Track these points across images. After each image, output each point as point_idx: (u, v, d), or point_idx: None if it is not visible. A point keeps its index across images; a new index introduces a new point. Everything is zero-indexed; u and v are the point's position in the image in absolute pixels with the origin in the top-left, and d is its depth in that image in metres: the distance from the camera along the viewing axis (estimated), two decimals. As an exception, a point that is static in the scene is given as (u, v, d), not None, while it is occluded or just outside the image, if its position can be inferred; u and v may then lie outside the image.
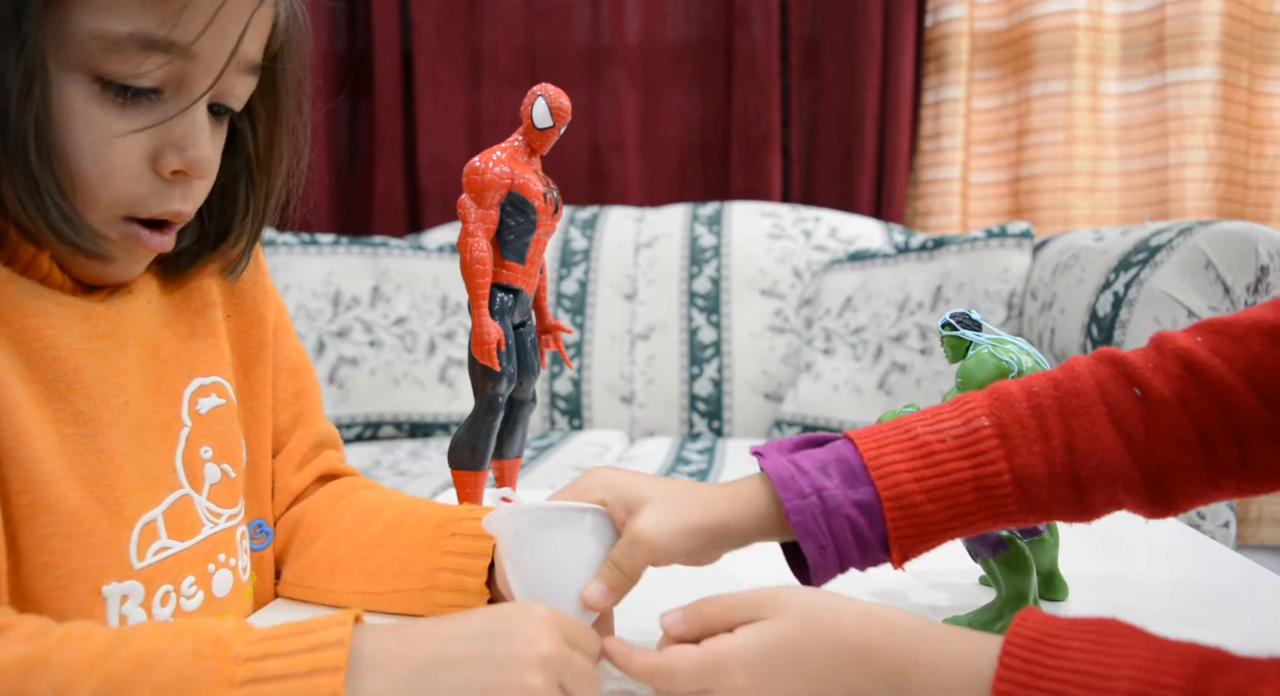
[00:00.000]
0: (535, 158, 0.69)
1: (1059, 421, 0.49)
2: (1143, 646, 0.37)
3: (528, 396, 0.73)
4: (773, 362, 1.93)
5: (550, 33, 2.30)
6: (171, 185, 0.52)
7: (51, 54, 0.46)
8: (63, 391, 0.50)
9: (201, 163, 0.52)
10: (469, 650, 0.42)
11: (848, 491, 0.49)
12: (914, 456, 0.49)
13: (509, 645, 0.42)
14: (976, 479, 0.48)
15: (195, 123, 0.51)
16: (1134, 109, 2.06)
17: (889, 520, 0.48)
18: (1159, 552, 0.76)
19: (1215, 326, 0.49)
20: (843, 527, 0.49)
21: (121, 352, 0.54)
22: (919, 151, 2.20)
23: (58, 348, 0.50)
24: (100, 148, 0.48)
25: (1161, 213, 2.01)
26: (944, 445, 0.49)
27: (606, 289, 2.04)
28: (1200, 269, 1.25)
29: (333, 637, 0.41)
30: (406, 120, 2.33)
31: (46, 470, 0.48)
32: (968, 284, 1.66)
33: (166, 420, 0.57)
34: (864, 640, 0.42)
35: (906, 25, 2.14)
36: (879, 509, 0.49)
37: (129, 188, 0.50)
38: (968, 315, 0.60)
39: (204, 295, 0.62)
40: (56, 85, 0.47)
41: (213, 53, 0.50)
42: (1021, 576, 0.57)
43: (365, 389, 1.86)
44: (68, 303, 0.52)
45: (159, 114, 0.50)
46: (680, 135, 2.31)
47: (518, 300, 0.69)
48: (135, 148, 0.49)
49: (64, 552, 0.49)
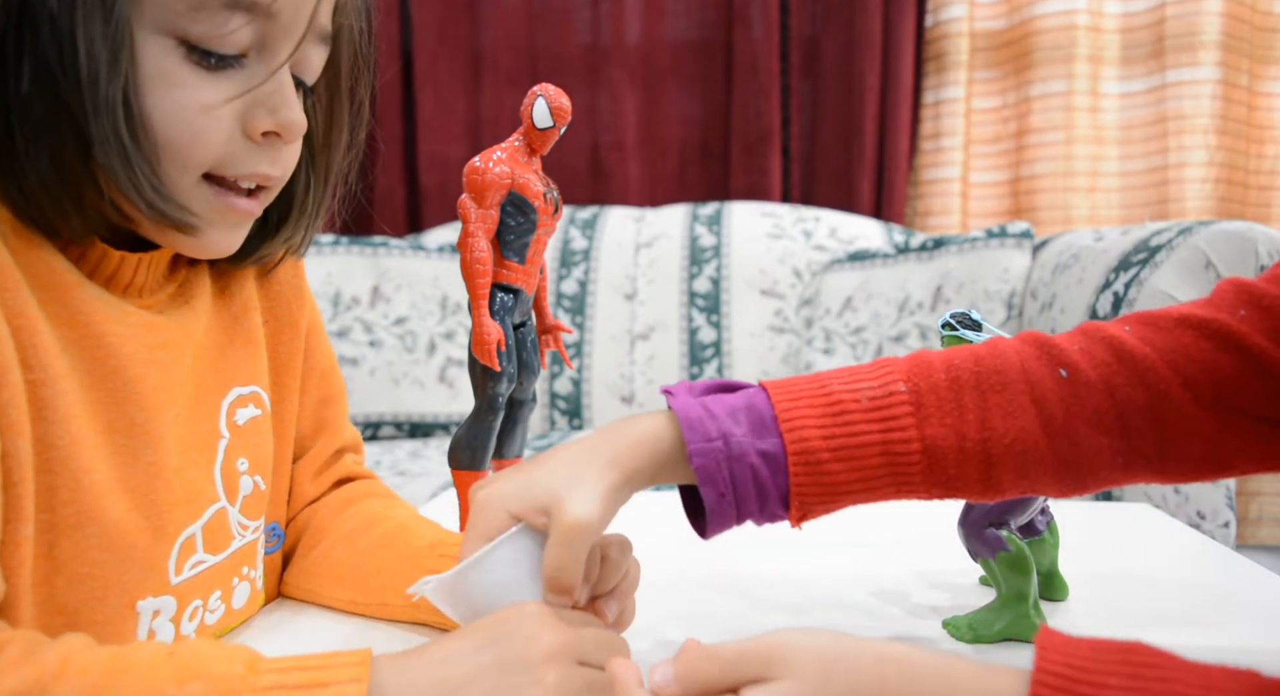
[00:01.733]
0: (535, 158, 0.69)
1: (975, 396, 0.48)
2: (1186, 680, 0.34)
3: (528, 396, 0.73)
4: (773, 362, 1.93)
5: (550, 33, 2.30)
6: (261, 148, 0.51)
7: (138, 20, 0.46)
8: (121, 400, 0.49)
9: (294, 124, 0.51)
10: (480, 661, 0.42)
11: (754, 440, 0.47)
12: (826, 413, 0.47)
13: (513, 647, 0.42)
14: (885, 444, 0.47)
15: (283, 85, 0.51)
16: (1134, 109, 2.06)
17: (792, 474, 0.47)
18: (1159, 552, 0.76)
19: (1144, 318, 0.49)
20: (745, 476, 0.47)
21: (178, 364, 0.53)
22: (919, 151, 2.20)
23: (120, 356, 0.49)
24: (192, 112, 0.48)
25: (1161, 213, 2.01)
26: (857, 406, 0.48)
27: (606, 289, 2.04)
28: (1200, 269, 1.25)
29: (348, 676, 0.40)
30: (406, 120, 2.33)
31: (97, 480, 0.48)
32: (968, 284, 1.65)
33: (207, 432, 0.56)
34: (880, 684, 0.38)
35: (906, 25, 2.14)
36: (784, 462, 0.47)
37: (220, 150, 0.49)
38: (968, 315, 0.60)
39: (244, 300, 0.61)
40: (145, 51, 0.46)
41: (291, 15, 0.49)
42: (1021, 576, 0.57)
43: (365, 389, 1.85)
44: (131, 311, 0.51)
45: (246, 78, 0.49)
46: (680, 135, 2.31)
47: (518, 300, 0.69)
48: (227, 111, 0.49)
49: (103, 565, 0.48)
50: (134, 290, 0.53)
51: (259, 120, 0.50)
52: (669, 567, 0.72)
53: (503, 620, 0.44)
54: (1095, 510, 0.92)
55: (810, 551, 0.75)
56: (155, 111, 0.47)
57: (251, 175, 0.52)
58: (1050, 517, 0.64)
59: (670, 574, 0.71)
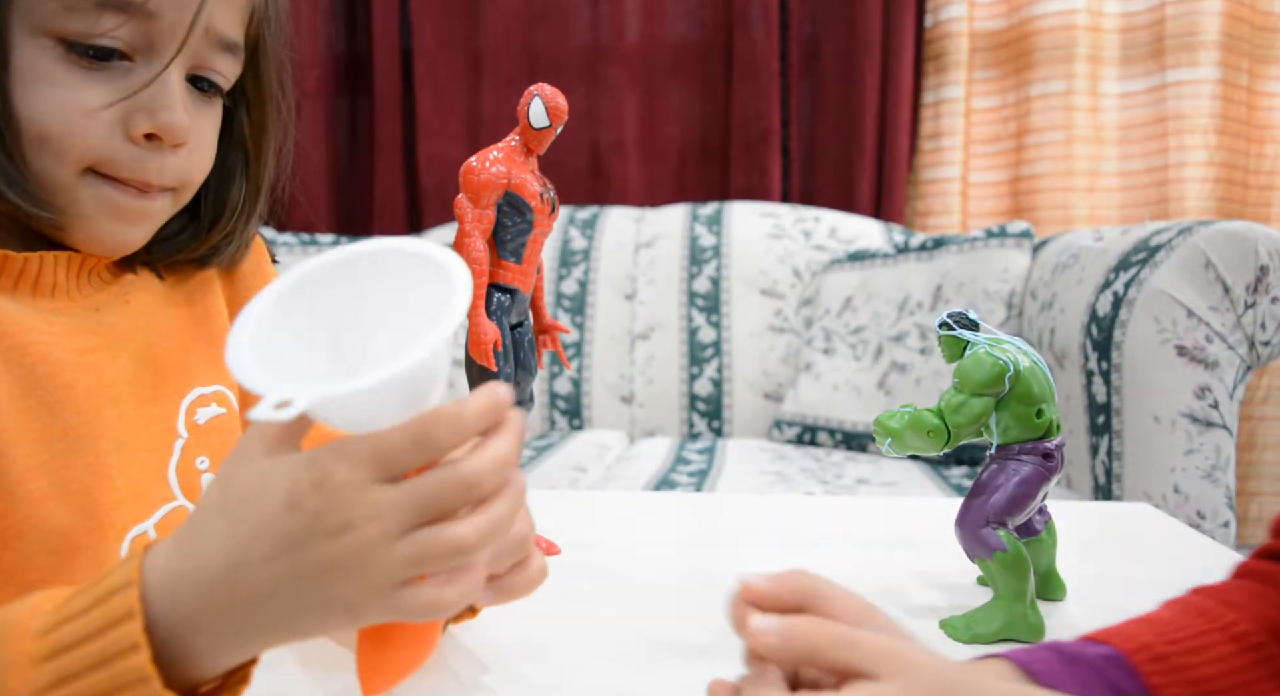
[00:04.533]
0: (532, 158, 0.69)
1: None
2: None
3: (525, 397, 0.73)
4: (773, 362, 1.93)
5: (550, 33, 2.30)
6: (147, 152, 0.51)
7: (14, 20, 0.47)
8: (53, 406, 0.50)
9: (174, 127, 0.51)
10: (255, 529, 0.34)
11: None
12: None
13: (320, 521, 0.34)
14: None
15: (168, 88, 0.50)
16: (1134, 109, 2.06)
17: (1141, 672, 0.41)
18: (1159, 552, 0.76)
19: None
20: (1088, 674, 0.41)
21: (113, 364, 0.54)
22: (919, 151, 2.20)
23: (49, 362, 0.50)
24: (69, 109, 0.48)
25: (1161, 213, 2.01)
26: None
27: (606, 289, 2.04)
28: (1200, 269, 1.24)
29: (119, 580, 0.35)
30: (406, 120, 2.33)
31: (32, 490, 0.48)
32: (967, 284, 1.65)
33: (161, 432, 0.56)
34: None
35: (906, 25, 2.14)
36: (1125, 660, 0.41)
37: (99, 145, 0.50)
38: (965, 315, 0.60)
39: (208, 301, 0.62)
40: (20, 51, 0.47)
41: (175, 15, 0.49)
42: (1019, 577, 0.57)
43: (365, 389, 1.85)
44: (56, 316, 0.51)
45: (131, 79, 0.50)
46: (680, 135, 2.31)
47: (515, 300, 0.69)
48: (108, 111, 0.49)
49: (52, 569, 0.49)
50: (60, 292, 0.53)
51: (137, 122, 0.50)
52: (669, 567, 0.72)
53: (259, 486, 0.35)
54: (1094, 510, 0.92)
55: (809, 551, 0.75)
56: (30, 108, 0.48)
57: (136, 181, 0.51)
58: (1048, 518, 0.64)
59: (670, 574, 0.71)
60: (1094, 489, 1.35)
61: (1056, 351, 1.45)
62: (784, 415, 1.82)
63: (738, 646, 0.39)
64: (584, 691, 0.51)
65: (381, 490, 0.33)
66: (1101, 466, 1.33)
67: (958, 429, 0.58)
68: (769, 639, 0.36)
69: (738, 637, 0.38)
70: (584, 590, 0.67)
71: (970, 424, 0.58)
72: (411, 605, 0.34)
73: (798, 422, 1.79)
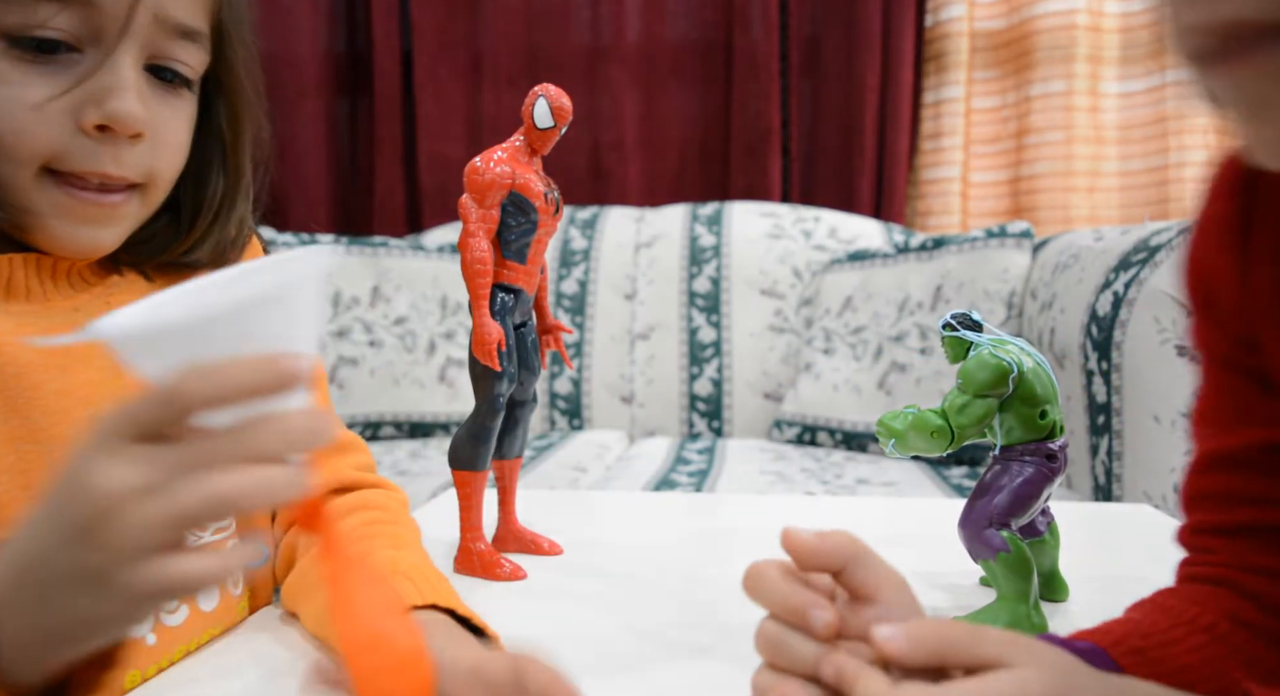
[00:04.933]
0: (536, 158, 0.69)
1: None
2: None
3: (528, 396, 0.73)
4: (772, 362, 1.93)
5: (550, 33, 2.30)
6: (100, 144, 0.50)
7: None
8: (22, 407, 0.49)
9: (124, 115, 0.49)
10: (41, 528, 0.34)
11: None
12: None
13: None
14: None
15: (117, 76, 0.49)
16: (1134, 109, 2.06)
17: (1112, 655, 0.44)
18: (1159, 552, 0.76)
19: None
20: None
21: (85, 366, 0.53)
22: (919, 151, 2.20)
23: (19, 363, 0.50)
24: (16, 106, 0.48)
25: (1161, 212, 2.01)
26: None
27: (606, 289, 2.04)
28: (1200, 269, 1.24)
29: None
30: (406, 120, 2.33)
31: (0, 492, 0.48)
32: (968, 284, 1.65)
33: None
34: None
35: (906, 25, 2.14)
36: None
37: (53, 143, 0.49)
38: (968, 315, 0.60)
39: None
40: None
41: (117, 4, 0.49)
42: (1022, 577, 0.57)
43: (365, 389, 1.85)
44: (32, 320, 0.51)
45: (79, 71, 0.49)
46: (680, 135, 2.31)
47: (518, 300, 0.69)
48: (58, 104, 0.48)
49: None
50: (35, 295, 0.52)
51: (88, 113, 0.49)
52: (669, 567, 0.72)
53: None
54: (1095, 511, 0.92)
55: (810, 552, 0.75)
56: None
57: (92, 173, 0.50)
58: (1051, 518, 0.64)
59: (670, 574, 0.71)
60: (1094, 489, 1.35)
61: (1056, 351, 1.45)
62: (784, 415, 1.82)
63: (737, 646, 0.38)
64: (584, 691, 0.51)
65: (137, 449, 0.32)
66: (1101, 466, 1.33)
67: (961, 430, 0.58)
68: (897, 644, 0.35)
69: (739, 638, 0.39)
70: (584, 590, 0.67)
71: (974, 425, 0.58)
72: (165, 575, 0.33)
73: (798, 422, 1.79)
